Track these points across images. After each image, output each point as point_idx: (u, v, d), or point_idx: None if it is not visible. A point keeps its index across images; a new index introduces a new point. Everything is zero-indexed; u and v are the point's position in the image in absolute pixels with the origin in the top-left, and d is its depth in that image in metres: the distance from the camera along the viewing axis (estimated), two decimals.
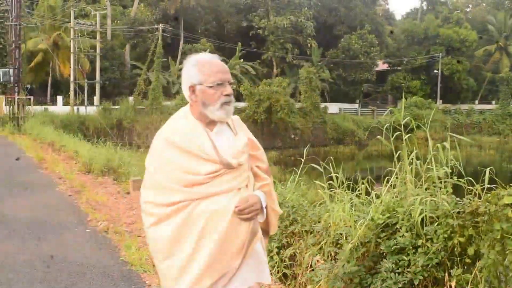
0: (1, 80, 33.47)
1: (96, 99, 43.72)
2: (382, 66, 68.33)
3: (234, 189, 2.82)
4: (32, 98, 34.91)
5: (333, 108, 55.24)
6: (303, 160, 6.28)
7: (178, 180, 2.76)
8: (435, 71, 61.95)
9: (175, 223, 2.72)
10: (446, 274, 3.85)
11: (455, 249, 3.86)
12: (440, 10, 71.11)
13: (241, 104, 46.37)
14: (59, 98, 46.05)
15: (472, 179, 4.19)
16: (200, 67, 2.85)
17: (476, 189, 4.07)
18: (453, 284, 3.77)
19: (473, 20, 72.76)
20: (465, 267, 3.85)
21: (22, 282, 5.34)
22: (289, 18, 56.31)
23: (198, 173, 2.76)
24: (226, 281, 2.77)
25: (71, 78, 41.83)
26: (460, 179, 4.21)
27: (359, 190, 5.24)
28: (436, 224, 3.96)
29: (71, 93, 41.85)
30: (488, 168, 4.21)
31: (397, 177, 4.71)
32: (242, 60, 55.52)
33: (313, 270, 4.81)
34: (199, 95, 2.83)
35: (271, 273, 5.20)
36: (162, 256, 2.77)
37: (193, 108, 2.90)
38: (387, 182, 4.79)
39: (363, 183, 5.10)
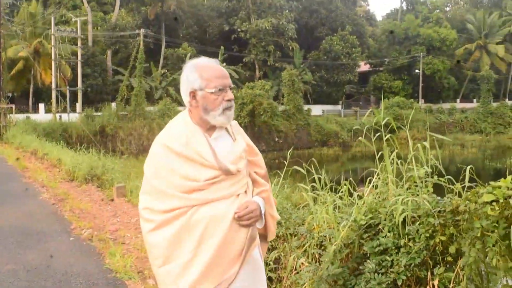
0: None
1: (78, 106, 43.48)
2: (364, 67, 68.71)
3: (233, 195, 2.81)
4: (13, 106, 34.71)
5: (316, 110, 55.43)
6: (286, 163, 6.31)
7: (176, 186, 2.73)
8: (417, 70, 62.44)
9: (174, 229, 2.70)
10: (429, 273, 3.88)
11: (437, 248, 3.89)
12: (419, 10, 71.74)
13: None
14: (41, 106, 45.78)
15: (452, 178, 4.23)
16: (201, 72, 2.83)
17: (457, 188, 4.11)
18: (436, 283, 3.80)
19: (453, 19, 73.40)
20: (448, 266, 3.88)
21: None
22: (270, 20, 56.40)
23: (197, 179, 2.74)
24: (225, 287, 2.76)
25: (53, 86, 41.63)
26: (440, 178, 4.26)
27: (342, 192, 5.27)
28: (417, 223, 4.00)
29: (53, 100, 41.64)
30: (469, 167, 4.25)
31: (379, 178, 4.75)
32: (224, 64, 55.52)
33: (297, 273, 4.82)
34: (200, 100, 2.81)
35: None
36: (160, 262, 2.74)
37: (193, 114, 2.88)
38: (369, 183, 4.83)
39: (345, 185, 5.13)
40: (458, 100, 67.19)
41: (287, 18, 58.37)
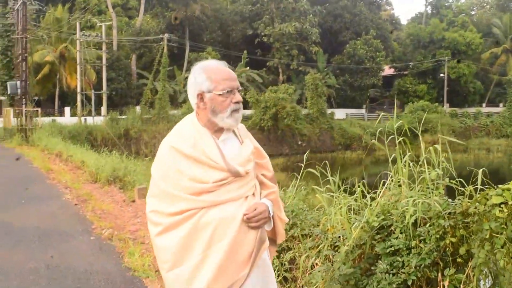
0: (9, 92, 33.77)
1: (103, 109, 44.02)
2: (388, 71, 68.36)
3: (241, 197, 2.79)
4: (39, 109, 35.17)
5: (340, 113, 55.32)
6: (302, 166, 6.37)
7: (185, 188, 2.71)
8: (442, 74, 61.89)
9: (183, 232, 2.67)
10: (439, 274, 3.91)
11: (447, 249, 3.92)
12: (444, 13, 71.10)
13: (248, 112, 46.52)
14: (67, 109, 46.53)
15: (463, 181, 4.26)
16: (209, 74, 2.81)
17: (469, 191, 4.13)
18: (446, 284, 3.83)
19: (478, 23, 72.67)
20: (458, 267, 3.92)
21: None
22: (294, 25, 56.42)
23: (206, 181, 2.71)
24: None
25: (78, 89, 42.19)
26: (451, 181, 4.29)
27: (357, 194, 5.32)
28: (428, 225, 4.04)
29: (78, 104, 42.20)
30: (481, 170, 4.28)
31: (392, 180, 4.81)
32: (248, 68, 55.68)
33: (311, 273, 4.88)
34: (208, 102, 2.79)
35: None
36: (169, 266, 2.70)
37: (200, 116, 2.86)
38: (383, 185, 4.89)
39: (359, 186, 5.18)
40: (484, 105, 66.53)
41: (311, 22, 58.29)
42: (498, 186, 3.60)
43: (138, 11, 59.15)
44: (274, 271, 5.38)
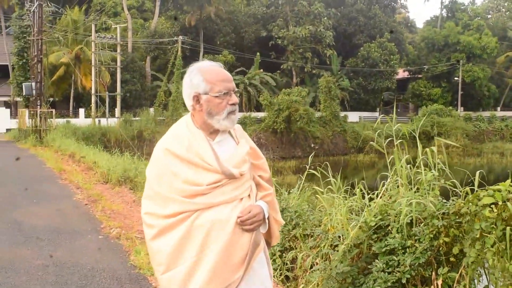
0: (24, 93, 34.15)
1: (117, 111, 44.30)
2: (402, 74, 68.08)
3: (236, 199, 2.76)
4: (54, 110, 35.46)
5: (353, 116, 55.19)
6: (307, 167, 6.47)
7: (179, 190, 2.69)
8: (456, 78, 61.52)
9: (177, 235, 2.66)
10: (433, 273, 3.99)
11: (441, 249, 4.01)
12: (460, 17, 70.61)
13: (261, 114, 46.55)
14: (81, 111, 46.90)
15: (457, 182, 4.35)
16: (205, 76, 2.79)
17: (466, 192, 4.21)
18: (440, 282, 3.92)
19: (494, 26, 72.02)
20: (452, 266, 4.00)
21: (34, 284, 5.61)
22: (308, 28, 56.45)
23: (200, 183, 2.69)
24: None
25: (93, 91, 42.53)
26: (446, 182, 4.38)
27: (357, 195, 5.42)
28: (422, 225, 4.13)
29: (93, 105, 42.54)
30: (479, 171, 4.37)
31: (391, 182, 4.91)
32: (261, 70, 55.75)
33: (312, 272, 4.98)
34: (204, 104, 2.77)
35: (274, 276, 5.41)
36: (163, 269, 2.69)
37: (196, 118, 2.84)
38: (383, 186, 4.99)
39: (358, 187, 5.28)
40: (498, 108, 66.09)
41: (325, 25, 58.18)
42: (489, 187, 3.69)
43: (153, 13, 59.52)
44: (276, 270, 5.53)
